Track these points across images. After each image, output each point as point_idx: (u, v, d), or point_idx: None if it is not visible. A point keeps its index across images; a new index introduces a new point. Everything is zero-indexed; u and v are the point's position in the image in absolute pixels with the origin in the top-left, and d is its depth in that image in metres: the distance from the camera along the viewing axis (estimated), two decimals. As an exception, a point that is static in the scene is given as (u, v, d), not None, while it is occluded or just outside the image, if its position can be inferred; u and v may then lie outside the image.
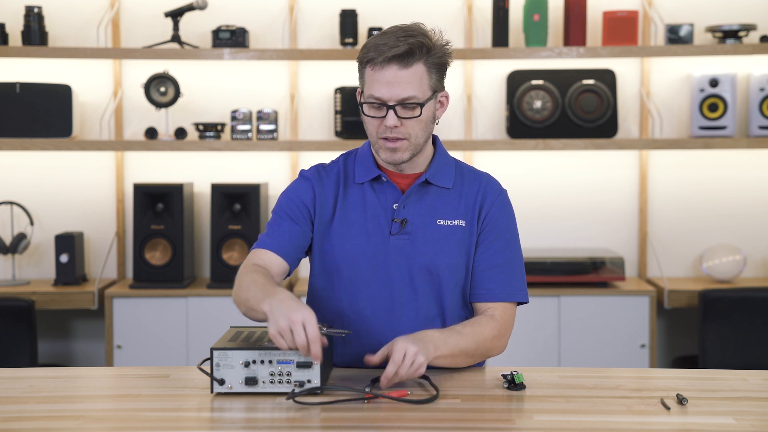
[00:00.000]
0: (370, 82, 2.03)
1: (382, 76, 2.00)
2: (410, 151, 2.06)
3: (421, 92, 2.02)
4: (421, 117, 2.04)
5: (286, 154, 4.15)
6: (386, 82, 2.00)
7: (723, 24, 3.96)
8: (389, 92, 2.00)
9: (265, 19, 4.13)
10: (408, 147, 2.05)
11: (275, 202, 2.19)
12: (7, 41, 3.96)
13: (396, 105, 2.01)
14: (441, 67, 2.06)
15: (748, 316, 3.59)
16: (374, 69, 2.01)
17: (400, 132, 2.03)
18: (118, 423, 1.73)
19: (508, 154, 4.15)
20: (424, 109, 2.03)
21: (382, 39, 2.01)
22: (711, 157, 4.16)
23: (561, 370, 2.09)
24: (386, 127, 2.02)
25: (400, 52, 1.98)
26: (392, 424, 1.70)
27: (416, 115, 2.03)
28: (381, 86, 2.00)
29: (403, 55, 1.98)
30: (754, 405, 1.83)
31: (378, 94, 2.01)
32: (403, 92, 2.00)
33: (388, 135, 2.03)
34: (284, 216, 2.13)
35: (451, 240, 2.11)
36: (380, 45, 2.00)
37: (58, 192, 4.15)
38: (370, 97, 2.02)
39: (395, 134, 2.03)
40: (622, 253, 4.12)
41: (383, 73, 2.00)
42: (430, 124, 2.08)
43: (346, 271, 2.11)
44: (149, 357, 3.77)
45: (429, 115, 2.06)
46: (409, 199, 2.12)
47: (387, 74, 2.00)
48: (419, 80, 2.01)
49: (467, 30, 4.08)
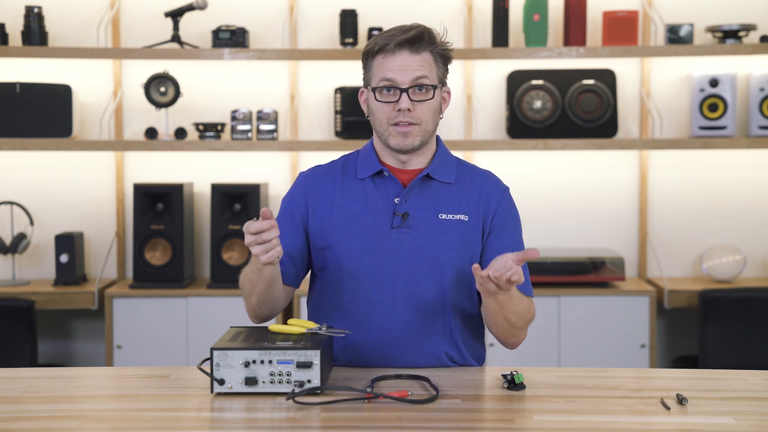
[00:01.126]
0: (380, 69, 2.08)
1: (393, 61, 2.07)
2: (420, 137, 2.10)
3: (430, 75, 2.08)
4: (433, 102, 2.09)
5: (286, 154, 4.15)
6: (398, 66, 2.06)
7: (723, 24, 3.96)
8: (402, 75, 2.06)
9: (265, 19, 4.13)
10: (419, 133, 2.09)
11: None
12: (7, 41, 3.96)
13: (409, 88, 2.06)
14: (445, 60, 2.13)
15: (748, 316, 3.59)
16: (385, 56, 2.07)
17: (413, 117, 2.07)
18: (118, 423, 1.73)
19: (508, 154, 4.15)
20: (435, 94, 2.09)
21: (390, 31, 2.10)
22: (711, 157, 4.16)
23: (561, 370, 2.10)
24: (399, 111, 2.07)
25: (411, 37, 2.06)
26: (392, 424, 1.70)
27: (429, 98, 2.08)
28: (393, 70, 2.06)
29: (413, 39, 2.06)
30: (754, 405, 1.84)
31: (391, 76, 2.06)
32: (416, 72, 2.06)
33: (401, 119, 2.07)
34: (282, 222, 2.19)
35: (453, 234, 2.12)
36: (389, 35, 2.08)
37: (58, 192, 4.15)
38: (383, 81, 2.07)
39: (408, 118, 2.07)
40: (622, 253, 4.12)
41: (395, 58, 2.06)
42: (438, 114, 2.13)
43: (347, 264, 2.12)
44: (149, 357, 3.77)
45: (438, 103, 2.11)
46: (411, 193, 2.14)
47: (398, 59, 2.06)
48: (429, 66, 2.08)
49: (467, 30, 4.08)
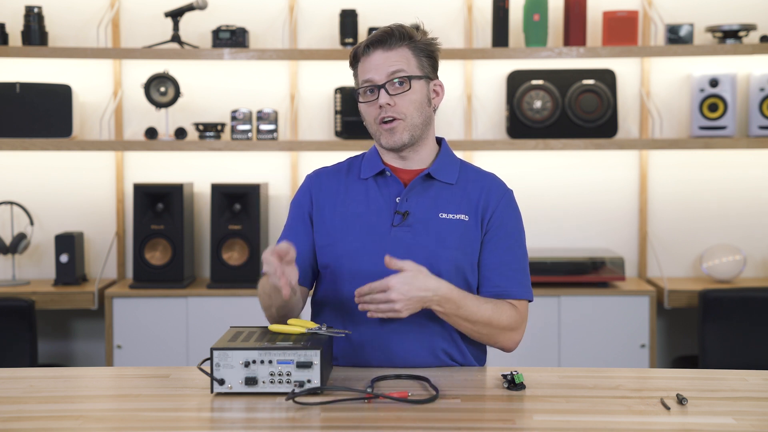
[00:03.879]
0: (361, 72, 2.14)
1: (369, 62, 2.12)
2: (408, 131, 2.12)
3: (408, 68, 2.12)
4: (413, 95, 2.11)
5: (286, 154, 4.15)
6: (374, 65, 2.12)
7: (723, 24, 3.96)
8: (377, 72, 2.11)
9: (265, 19, 4.13)
10: (405, 127, 2.12)
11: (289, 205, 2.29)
12: (7, 41, 3.96)
13: (386, 83, 2.10)
14: (429, 54, 2.16)
15: (748, 316, 3.59)
16: (363, 60, 2.14)
17: (395, 111, 2.10)
18: (118, 423, 1.73)
19: (508, 154, 4.15)
20: (414, 85, 2.11)
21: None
22: (711, 157, 4.16)
23: (561, 370, 2.10)
24: (380, 108, 2.10)
25: (380, 35, 2.12)
26: (392, 424, 1.70)
27: (406, 90, 2.10)
28: (369, 70, 2.12)
29: (383, 37, 2.12)
30: (754, 405, 1.84)
31: (368, 76, 2.12)
32: (390, 68, 2.11)
33: (384, 115, 2.10)
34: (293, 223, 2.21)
35: (453, 233, 2.13)
36: (364, 40, 2.15)
37: (58, 192, 4.15)
38: (363, 83, 2.13)
39: (390, 113, 2.10)
40: (622, 253, 4.12)
41: (370, 59, 2.12)
42: (426, 107, 2.15)
43: (348, 263, 2.13)
44: (149, 357, 3.77)
45: (422, 96, 2.13)
46: (412, 192, 2.15)
47: (373, 59, 2.12)
48: (406, 60, 2.12)
49: (467, 30, 4.08)
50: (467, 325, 2.08)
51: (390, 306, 1.96)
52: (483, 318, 2.07)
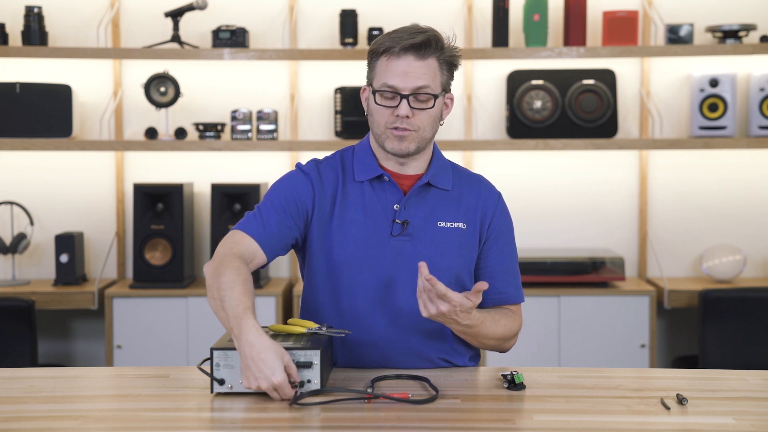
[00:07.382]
0: (383, 72, 2.04)
1: (397, 65, 2.02)
2: (417, 143, 2.07)
3: (433, 84, 2.04)
4: (431, 111, 2.05)
5: (286, 154, 4.15)
6: (402, 71, 2.02)
7: (723, 24, 3.96)
8: (404, 81, 2.02)
9: (265, 19, 4.13)
10: (415, 138, 2.06)
11: (269, 188, 2.14)
12: (7, 41, 3.96)
13: (410, 95, 2.02)
14: (451, 67, 2.09)
15: (747, 316, 3.59)
16: (389, 59, 2.03)
17: (411, 123, 2.04)
18: (118, 423, 1.73)
19: (508, 154, 4.15)
20: (435, 103, 2.05)
21: (398, 33, 2.05)
22: (711, 157, 4.16)
23: (561, 370, 2.09)
24: (397, 117, 2.03)
25: (417, 42, 2.01)
26: (392, 424, 1.70)
27: (429, 107, 2.04)
28: (396, 75, 2.02)
29: (419, 45, 2.01)
30: (754, 405, 1.84)
31: (392, 82, 2.02)
32: (418, 81, 2.02)
33: (399, 125, 2.04)
34: (279, 208, 2.08)
35: (452, 242, 2.12)
36: (397, 36, 2.03)
37: (58, 192, 4.15)
38: (384, 86, 2.03)
39: (405, 125, 2.04)
40: (622, 253, 4.12)
41: (399, 62, 2.02)
42: (437, 122, 2.10)
43: (346, 271, 2.10)
44: (149, 357, 3.77)
45: (438, 111, 2.08)
46: (411, 201, 2.12)
47: (402, 64, 2.02)
48: (432, 74, 2.04)
49: (467, 30, 4.08)
50: (477, 340, 2.10)
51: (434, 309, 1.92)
52: (496, 335, 2.10)
